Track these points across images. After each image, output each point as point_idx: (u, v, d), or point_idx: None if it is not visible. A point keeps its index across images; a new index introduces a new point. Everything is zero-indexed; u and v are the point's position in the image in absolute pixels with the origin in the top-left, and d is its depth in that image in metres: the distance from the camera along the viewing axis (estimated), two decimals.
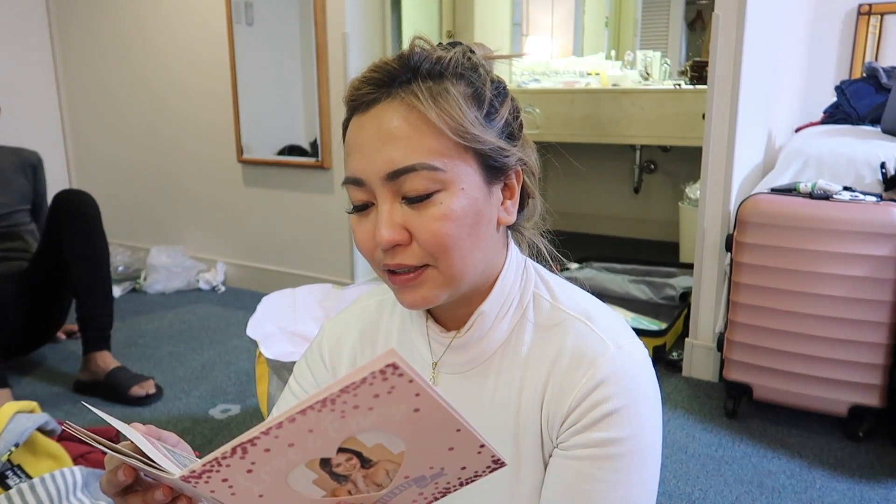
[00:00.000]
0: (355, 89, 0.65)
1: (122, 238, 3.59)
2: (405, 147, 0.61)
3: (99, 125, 3.58)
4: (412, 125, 0.62)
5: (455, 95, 0.63)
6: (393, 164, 0.61)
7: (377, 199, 0.63)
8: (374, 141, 0.62)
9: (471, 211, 0.63)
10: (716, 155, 2.12)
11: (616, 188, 4.01)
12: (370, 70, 0.66)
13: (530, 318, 0.70)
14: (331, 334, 0.81)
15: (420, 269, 0.64)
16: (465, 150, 0.63)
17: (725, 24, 2.03)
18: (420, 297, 0.65)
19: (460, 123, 0.62)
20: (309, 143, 2.92)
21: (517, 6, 4.13)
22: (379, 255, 0.65)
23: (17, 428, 1.47)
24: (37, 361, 2.46)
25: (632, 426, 0.63)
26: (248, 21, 2.93)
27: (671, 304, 2.73)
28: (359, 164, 0.63)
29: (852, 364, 1.81)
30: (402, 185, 0.62)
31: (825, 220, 1.78)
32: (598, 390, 0.63)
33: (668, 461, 1.78)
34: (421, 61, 0.64)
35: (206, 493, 0.49)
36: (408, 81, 0.63)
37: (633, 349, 0.66)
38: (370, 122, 0.63)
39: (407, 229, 0.62)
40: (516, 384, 0.68)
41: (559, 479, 0.65)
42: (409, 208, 0.62)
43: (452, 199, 0.62)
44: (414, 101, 0.62)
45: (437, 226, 0.62)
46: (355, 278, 2.91)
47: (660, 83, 3.68)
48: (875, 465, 1.76)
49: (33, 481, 1.36)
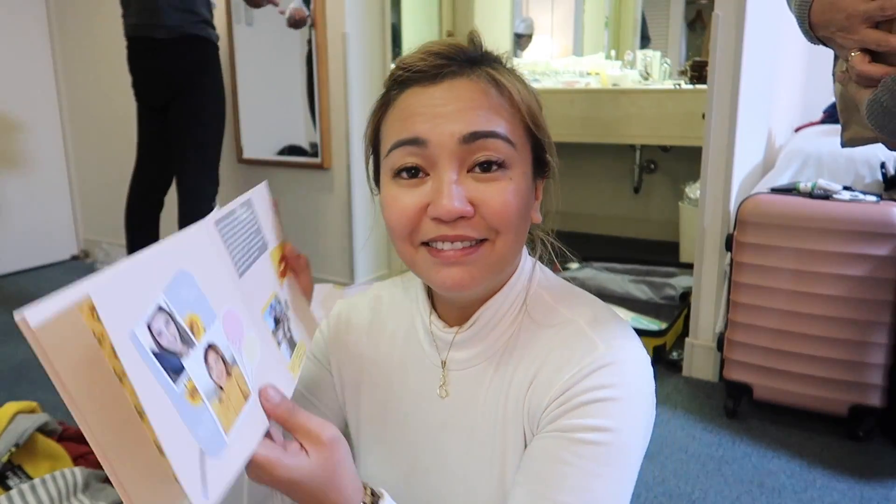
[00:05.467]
0: (421, 60, 0.64)
1: (122, 238, 3.58)
2: (485, 116, 0.62)
3: (99, 125, 3.58)
4: (493, 98, 0.63)
5: (526, 84, 0.66)
6: (473, 125, 0.61)
7: (437, 167, 0.62)
8: (450, 107, 0.62)
9: (527, 196, 0.65)
10: (716, 155, 2.12)
11: (616, 188, 4.01)
12: (439, 45, 0.65)
13: (531, 317, 0.70)
14: (340, 316, 0.82)
15: (478, 244, 0.63)
16: (528, 139, 0.65)
17: (725, 24, 2.03)
18: (469, 276, 0.63)
19: (533, 109, 0.65)
20: (309, 144, 2.92)
21: (517, 6, 4.13)
22: (427, 227, 0.62)
23: (17, 428, 1.47)
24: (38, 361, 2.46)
25: (617, 420, 0.61)
26: (248, 21, 2.93)
27: (671, 303, 2.73)
28: (425, 126, 0.62)
29: (852, 364, 1.81)
30: (475, 151, 0.61)
31: (825, 219, 1.78)
32: (594, 375, 0.62)
33: (668, 461, 1.78)
34: (488, 51, 0.67)
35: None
36: (480, 64, 0.65)
37: (631, 351, 0.65)
38: (444, 91, 0.63)
39: (470, 201, 0.61)
40: (507, 379, 0.68)
41: (530, 456, 0.64)
42: (475, 180, 0.62)
43: (519, 178, 0.63)
44: (499, 77, 0.64)
45: (508, 198, 0.62)
46: (355, 278, 2.91)
47: (660, 83, 3.68)
48: (875, 465, 1.76)
49: (34, 482, 1.36)
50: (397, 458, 0.75)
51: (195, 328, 0.49)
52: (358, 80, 2.76)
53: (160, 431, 0.43)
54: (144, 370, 0.43)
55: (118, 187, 3.56)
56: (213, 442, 0.48)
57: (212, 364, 0.50)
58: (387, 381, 0.76)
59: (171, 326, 0.47)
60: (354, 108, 2.76)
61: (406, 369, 0.75)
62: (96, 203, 3.75)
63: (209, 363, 0.50)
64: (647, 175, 3.92)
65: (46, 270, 3.60)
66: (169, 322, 0.46)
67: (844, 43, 0.65)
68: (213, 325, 0.51)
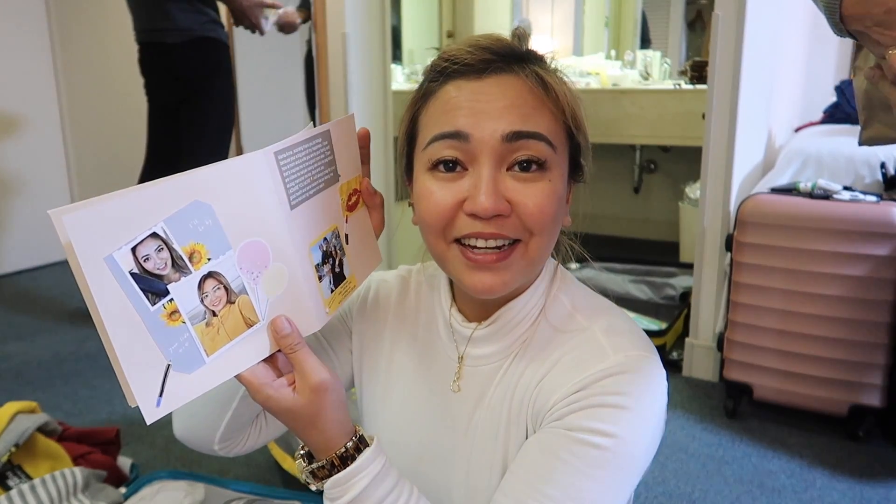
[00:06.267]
0: (469, 53, 0.63)
1: None
2: (528, 116, 0.61)
3: (99, 125, 3.58)
4: (539, 98, 0.62)
5: (570, 86, 0.65)
6: (517, 124, 0.61)
7: (478, 162, 0.61)
8: (494, 103, 0.61)
9: (561, 200, 0.64)
10: (716, 155, 2.12)
11: (616, 188, 4.01)
12: (487, 39, 0.65)
13: (548, 320, 0.70)
14: (372, 290, 0.81)
15: (509, 248, 0.62)
16: (567, 142, 0.65)
17: (725, 24, 2.03)
18: (501, 281, 0.63)
19: (576, 111, 0.64)
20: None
21: (517, 6, 4.13)
22: (462, 223, 0.62)
23: (17, 428, 1.47)
24: (38, 361, 2.46)
25: (622, 429, 0.60)
26: None
27: (671, 303, 2.73)
28: (469, 120, 0.61)
29: (852, 364, 1.81)
30: (516, 151, 0.61)
31: (825, 219, 1.78)
32: (607, 381, 0.61)
33: (668, 461, 1.78)
34: (533, 50, 0.66)
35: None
36: (525, 62, 0.64)
37: (647, 363, 0.64)
38: (489, 86, 0.62)
39: (508, 200, 0.61)
40: (515, 378, 0.68)
41: (528, 446, 0.64)
42: (513, 179, 0.61)
43: (557, 181, 0.63)
44: (546, 77, 0.63)
45: (545, 201, 0.61)
46: None
47: (660, 83, 3.68)
48: (875, 465, 1.76)
49: (33, 482, 1.36)
50: (404, 447, 0.75)
51: (195, 256, 0.53)
52: (358, 80, 2.76)
53: (115, 343, 0.49)
54: (115, 289, 0.49)
55: (118, 187, 3.55)
56: (187, 359, 0.53)
57: (207, 291, 0.54)
58: (403, 367, 0.77)
59: (163, 252, 0.51)
60: (354, 108, 2.76)
61: (423, 359, 0.76)
62: None
63: (204, 289, 0.54)
64: (647, 175, 3.92)
65: (46, 270, 3.60)
66: (162, 248, 0.51)
67: (882, 39, 0.60)
68: (222, 255, 0.54)
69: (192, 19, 2.36)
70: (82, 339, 2.65)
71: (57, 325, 2.81)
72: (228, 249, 0.55)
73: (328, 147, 0.64)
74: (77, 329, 2.76)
